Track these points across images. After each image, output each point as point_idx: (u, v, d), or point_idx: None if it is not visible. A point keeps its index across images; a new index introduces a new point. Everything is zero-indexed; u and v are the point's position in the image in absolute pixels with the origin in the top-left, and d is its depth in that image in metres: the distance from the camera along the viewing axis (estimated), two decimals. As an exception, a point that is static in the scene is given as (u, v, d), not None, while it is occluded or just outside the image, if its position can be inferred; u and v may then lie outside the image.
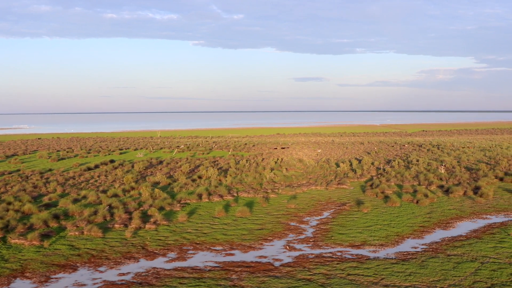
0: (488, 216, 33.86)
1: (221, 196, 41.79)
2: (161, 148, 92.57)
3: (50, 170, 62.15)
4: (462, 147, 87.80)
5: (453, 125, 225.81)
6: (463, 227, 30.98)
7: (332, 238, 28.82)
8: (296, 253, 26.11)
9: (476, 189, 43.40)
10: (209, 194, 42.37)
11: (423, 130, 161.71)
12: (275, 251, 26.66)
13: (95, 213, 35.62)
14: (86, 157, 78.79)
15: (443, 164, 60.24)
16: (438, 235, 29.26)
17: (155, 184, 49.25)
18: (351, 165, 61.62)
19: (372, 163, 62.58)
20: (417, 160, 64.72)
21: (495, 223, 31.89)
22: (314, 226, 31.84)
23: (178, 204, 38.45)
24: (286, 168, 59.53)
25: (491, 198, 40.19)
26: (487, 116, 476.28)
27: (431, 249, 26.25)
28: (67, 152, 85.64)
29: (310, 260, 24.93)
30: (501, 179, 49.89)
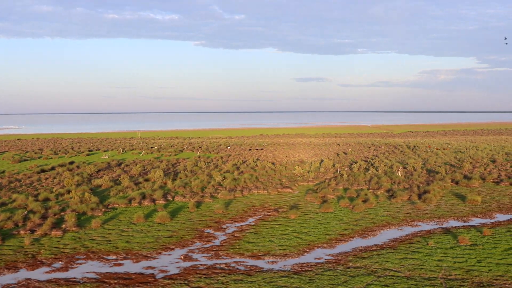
0: (418, 224, 31.97)
1: (153, 200, 40.01)
2: (132, 150, 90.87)
3: (3, 172, 60.56)
4: (437, 149, 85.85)
5: (447, 125, 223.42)
6: (384, 236, 29.09)
7: (238, 247, 27.00)
8: (189, 264, 24.31)
9: (423, 194, 41.50)
10: (143, 198, 40.61)
11: (410, 131, 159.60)
12: (168, 261, 24.87)
13: (10, 218, 33.99)
14: (51, 158, 77.17)
15: (405, 167, 58.37)
16: (352, 244, 27.38)
17: (97, 187, 47.53)
18: (310, 167, 59.71)
19: (333, 165, 60.68)
20: (379, 163, 62.77)
21: (421, 231, 29.99)
22: (228, 233, 30.01)
23: (103, 209, 36.69)
24: (242, 171, 57.76)
25: (434, 203, 38.27)
26: (487, 117, 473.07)
27: (334, 261, 24.39)
28: (35, 153, 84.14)
29: (198, 272, 23.13)
30: (457, 183, 47.95)
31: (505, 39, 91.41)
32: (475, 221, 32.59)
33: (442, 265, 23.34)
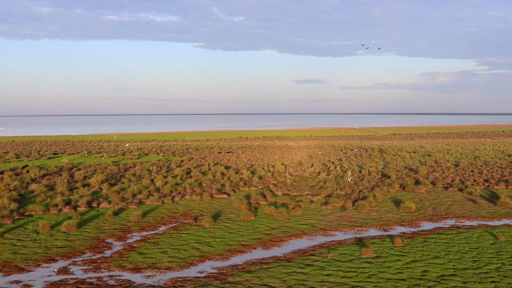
0: (335, 233, 30.18)
1: (75, 207, 38.26)
2: (99, 153, 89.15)
3: None
4: (408, 152, 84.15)
5: (438, 128, 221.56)
6: (290, 247, 27.27)
7: (125, 259, 25.20)
8: (59, 278, 22.53)
9: (360, 200, 39.72)
10: (66, 204, 38.83)
11: (393, 134, 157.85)
12: (39, 275, 23.07)
13: None
14: (9, 162, 75.38)
15: (361, 171, 56.62)
16: (249, 256, 25.58)
17: (30, 193, 45.77)
18: (263, 171, 57.85)
19: (285, 169, 58.91)
20: (337, 167, 60.95)
21: (333, 241, 28.21)
22: (127, 243, 28.23)
23: (17, 217, 34.90)
24: (191, 175, 56.03)
25: (365, 210, 36.49)
26: (486, 119, 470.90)
27: (215, 275, 22.60)
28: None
29: (62, 287, 21.41)
30: (404, 188, 46.24)
31: (363, 45, 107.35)
32: (397, 230, 30.83)
33: (327, 280, 21.58)
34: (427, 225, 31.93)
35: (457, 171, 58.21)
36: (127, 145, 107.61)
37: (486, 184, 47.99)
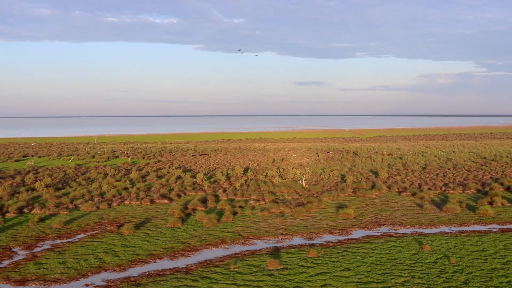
0: (256, 242, 28.53)
1: (4, 213, 36.72)
2: (71, 155, 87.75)
3: None
4: (383, 154, 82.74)
5: (429, 130, 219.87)
6: (200, 256, 25.65)
7: (17, 270, 23.71)
8: None
9: (305, 204, 38.21)
10: (-3, 210, 37.44)
11: (379, 136, 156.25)
12: None
13: None
14: (-27, 164, 74.03)
15: (321, 174, 55.15)
16: (150, 267, 23.97)
17: (-31, 197, 44.34)
18: (222, 175, 56.36)
19: (244, 173, 57.41)
20: (296, 171, 59.32)
21: (247, 251, 26.55)
22: (32, 253, 26.68)
23: None
24: (146, 179, 54.60)
25: (303, 216, 34.90)
26: (484, 121, 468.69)
27: (99, 289, 21.21)
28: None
29: None
30: (356, 192, 44.74)
31: (239, 50, 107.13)
32: (324, 238, 29.33)
33: (215, 295, 20.15)
34: (358, 233, 30.45)
35: (421, 174, 56.76)
36: (108, 148, 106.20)
37: (444, 188, 46.53)
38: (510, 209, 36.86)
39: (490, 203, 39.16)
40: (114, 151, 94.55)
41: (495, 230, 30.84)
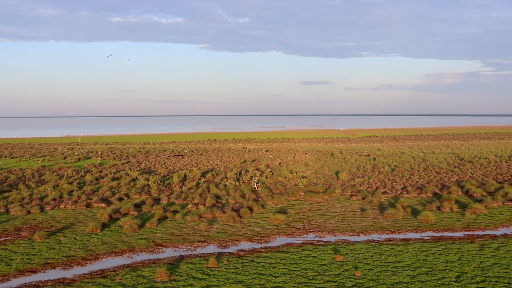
0: (166, 250, 26.96)
1: None
2: (45, 156, 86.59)
3: None
4: (359, 155, 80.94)
5: (426, 129, 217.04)
6: (96, 266, 24.14)
7: None
8: None
9: (244, 208, 36.57)
10: None
11: (369, 136, 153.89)
12: None
13: None
14: None
15: (280, 177, 53.54)
16: (37, 277, 22.54)
17: None
18: (178, 178, 54.77)
19: (202, 176, 55.86)
20: (263, 173, 57.76)
21: (150, 259, 25.11)
22: None
23: None
24: (99, 181, 53.20)
25: (232, 222, 33.34)
26: (485, 120, 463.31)
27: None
28: None
29: None
30: (305, 196, 43.06)
31: (109, 56, 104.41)
32: (240, 246, 27.55)
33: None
34: (279, 241, 28.81)
35: (386, 176, 54.99)
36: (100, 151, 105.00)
37: (400, 191, 44.73)
38: (455, 215, 35.10)
39: (439, 208, 37.46)
40: (91, 152, 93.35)
41: (427, 238, 29.09)
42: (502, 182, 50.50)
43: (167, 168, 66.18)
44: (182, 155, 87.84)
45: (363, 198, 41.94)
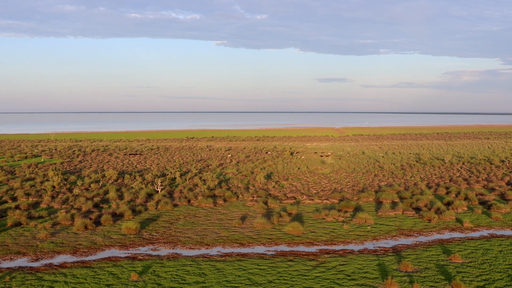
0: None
1: None
2: (4, 154, 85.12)
3: None
4: (321, 155, 77.59)
5: (428, 128, 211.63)
6: None
7: None
8: None
9: (100, 217, 33.75)
10: None
11: (354, 135, 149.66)
12: None
13: None
14: None
15: (205, 180, 50.58)
16: None
17: None
18: (89, 179, 52.16)
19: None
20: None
21: None
22: None
23: None
24: (10, 181, 51.02)
25: (79, 231, 30.68)
26: (496, 119, 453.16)
27: None
28: None
29: None
30: (189, 201, 40.00)
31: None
32: (56, 259, 24.96)
33: None
34: (105, 253, 25.71)
35: (316, 179, 51.74)
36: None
37: (307, 197, 41.41)
38: (334, 226, 31.67)
39: (326, 217, 34.00)
40: (46, 150, 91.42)
41: (270, 253, 25.74)
42: (432, 187, 46.77)
43: (106, 168, 63.68)
44: (140, 154, 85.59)
45: (264, 203, 38.70)
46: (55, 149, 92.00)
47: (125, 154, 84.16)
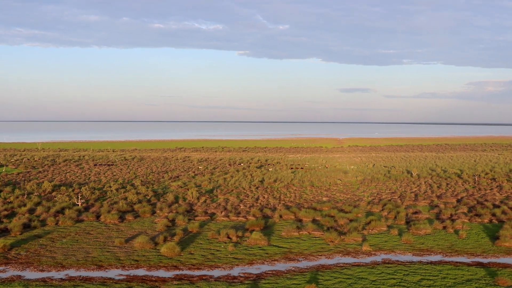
0: None
1: None
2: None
3: None
4: (297, 168, 74.89)
5: (430, 140, 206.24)
6: None
7: None
8: None
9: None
10: None
11: (356, 146, 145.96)
12: None
13: None
14: None
15: (157, 192, 48.58)
16: None
17: None
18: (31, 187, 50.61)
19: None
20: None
21: None
22: None
23: None
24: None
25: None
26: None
27: None
28: None
29: None
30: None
31: None
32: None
33: None
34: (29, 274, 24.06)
35: (264, 193, 49.24)
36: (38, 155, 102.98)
37: (229, 213, 39.00)
38: (217, 247, 29.04)
39: (224, 236, 31.47)
40: (19, 160, 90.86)
41: (119, 278, 23.44)
42: (370, 203, 43.63)
43: (61, 179, 62.25)
44: (109, 165, 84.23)
45: (171, 220, 36.23)
46: (29, 159, 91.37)
47: (95, 165, 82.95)
